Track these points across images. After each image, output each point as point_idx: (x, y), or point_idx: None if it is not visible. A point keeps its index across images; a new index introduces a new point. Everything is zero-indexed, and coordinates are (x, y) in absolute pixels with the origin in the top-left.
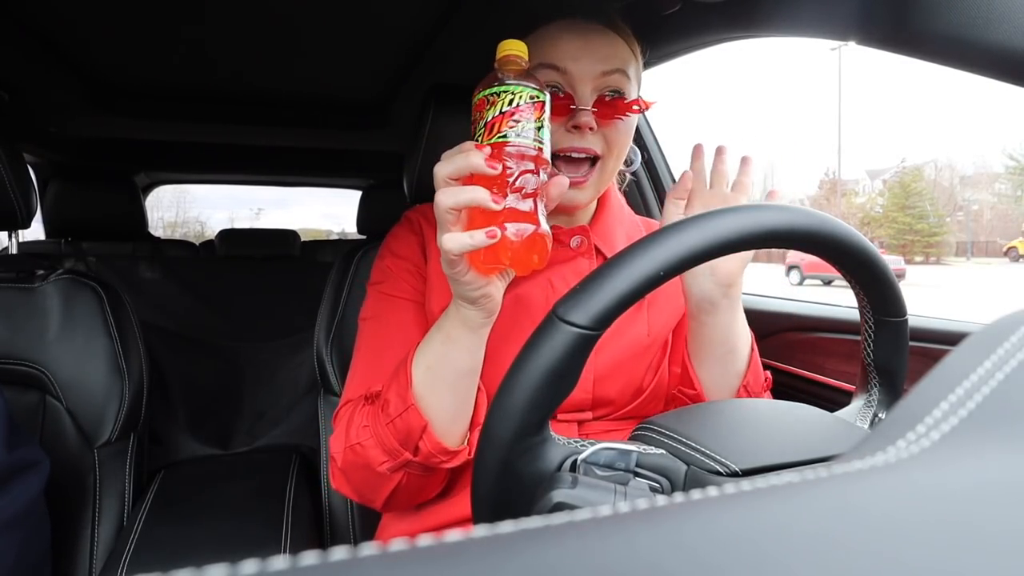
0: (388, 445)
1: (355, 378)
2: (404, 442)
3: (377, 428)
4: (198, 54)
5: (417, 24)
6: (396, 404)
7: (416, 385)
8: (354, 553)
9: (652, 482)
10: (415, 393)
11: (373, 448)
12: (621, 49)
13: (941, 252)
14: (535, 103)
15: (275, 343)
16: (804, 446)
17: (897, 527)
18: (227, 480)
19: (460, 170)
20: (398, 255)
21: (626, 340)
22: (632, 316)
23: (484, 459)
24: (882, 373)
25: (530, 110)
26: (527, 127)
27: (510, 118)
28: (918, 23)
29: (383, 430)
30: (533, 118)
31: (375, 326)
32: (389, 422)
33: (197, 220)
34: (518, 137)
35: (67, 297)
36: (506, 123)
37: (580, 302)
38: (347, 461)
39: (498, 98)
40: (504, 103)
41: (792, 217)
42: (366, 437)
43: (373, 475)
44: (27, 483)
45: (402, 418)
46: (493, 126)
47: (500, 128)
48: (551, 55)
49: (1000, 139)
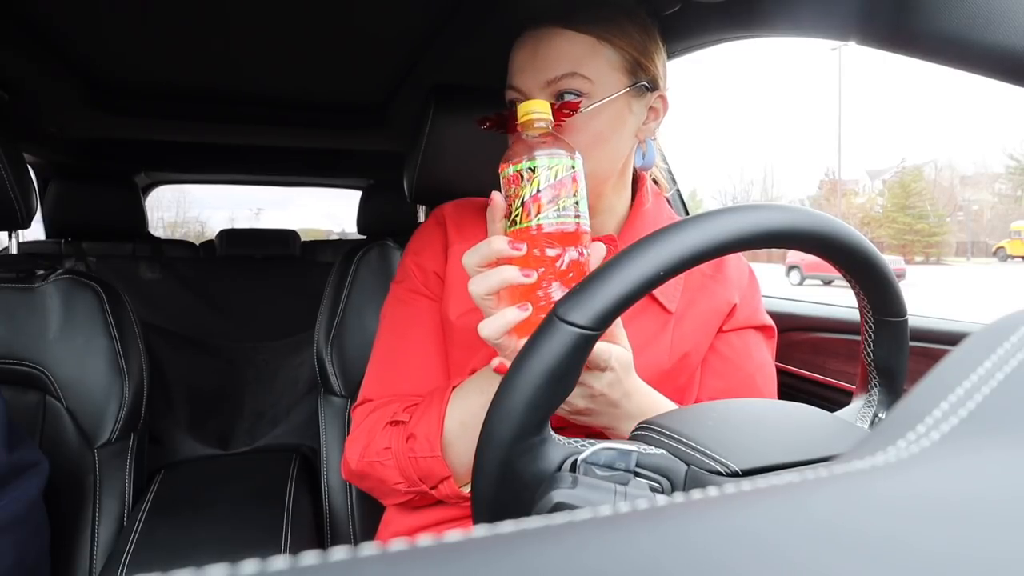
0: (408, 476)
1: (372, 377)
2: (424, 479)
3: (400, 458)
4: (198, 54)
5: (417, 25)
6: (423, 446)
7: (447, 435)
8: (354, 553)
9: (652, 482)
10: (444, 443)
11: (392, 471)
12: (573, 47)
13: (941, 252)
14: (572, 174)
15: (275, 343)
16: (804, 446)
17: (897, 527)
18: (227, 480)
19: (486, 257)
20: (418, 254)
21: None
22: (655, 336)
23: (484, 459)
24: (882, 373)
25: (563, 185)
26: (566, 203)
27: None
28: (918, 23)
29: (406, 463)
30: (571, 192)
31: (393, 325)
32: (413, 457)
33: (197, 220)
34: (558, 217)
35: (67, 297)
36: (543, 203)
37: (580, 302)
38: (363, 471)
39: (533, 174)
40: (541, 180)
41: (792, 217)
42: (387, 459)
43: (387, 488)
44: (27, 485)
45: (427, 461)
46: (530, 208)
47: (540, 210)
48: (510, 74)
49: (1000, 139)
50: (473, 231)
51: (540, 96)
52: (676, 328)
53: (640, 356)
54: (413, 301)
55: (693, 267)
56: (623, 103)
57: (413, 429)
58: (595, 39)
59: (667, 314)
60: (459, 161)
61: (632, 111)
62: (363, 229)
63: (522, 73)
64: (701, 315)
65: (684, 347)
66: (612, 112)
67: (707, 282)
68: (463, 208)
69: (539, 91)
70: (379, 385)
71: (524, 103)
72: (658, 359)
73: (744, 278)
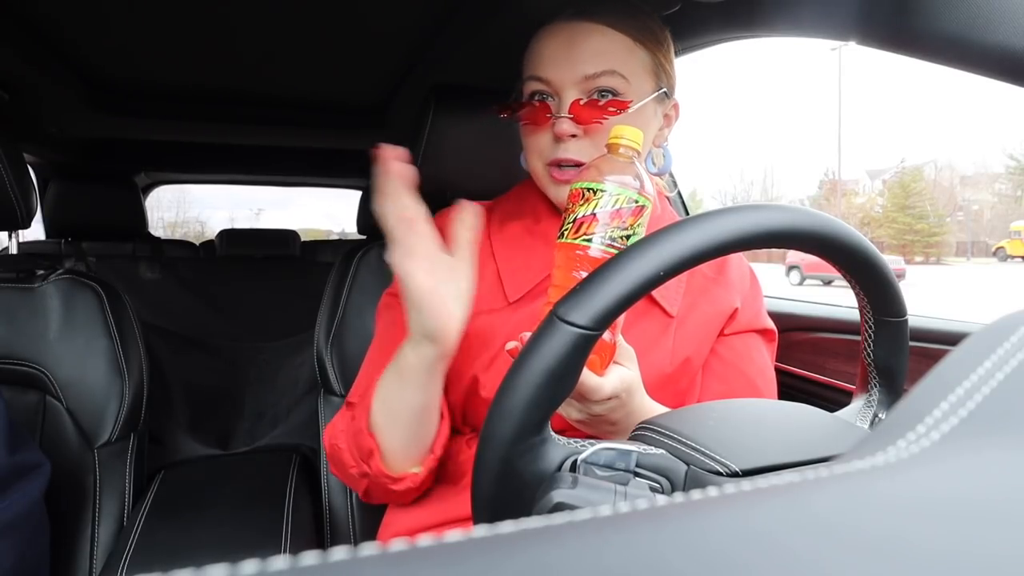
0: (353, 454)
1: (359, 383)
2: (361, 456)
3: (347, 436)
4: (198, 54)
5: (417, 25)
6: (359, 422)
7: (373, 414)
8: (354, 553)
9: (652, 482)
10: (371, 420)
11: (345, 452)
12: (613, 45)
13: (941, 252)
14: (633, 208)
15: (275, 343)
16: (804, 446)
17: (897, 528)
18: (227, 480)
19: None
20: None
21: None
22: (657, 340)
23: (484, 459)
24: (882, 373)
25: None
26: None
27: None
28: (918, 23)
29: (350, 440)
30: (627, 224)
31: (381, 332)
32: (353, 435)
33: (197, 220)
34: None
35: (67, 297)
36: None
37: (579, 302)
38: (329, 455)
39: (593, 195)
40: (597, 203)
41: (792, 217)
42: (341, 440)
43: (348, 474)
44: (28, 486)
45: (361, 436)
46: (581, 225)
47: (587, 230)
48: (535, 65)
49: (1000, 139)
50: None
51: (571, 91)
52: (678, 332)
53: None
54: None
55: (693, 267)
56: (651, 108)
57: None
58: (632, 40)
59: (668, 318)
60: (459, 161)
61: (655, 116)
62: (363, 229)
63: (555, 64)
64: (703, 318)
65: (686, 351)
66: (642, 116)
67: (709, 285)
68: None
69: (573, 85)
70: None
71: (618, 127)
72: (660, 364)
73: (746, 281)
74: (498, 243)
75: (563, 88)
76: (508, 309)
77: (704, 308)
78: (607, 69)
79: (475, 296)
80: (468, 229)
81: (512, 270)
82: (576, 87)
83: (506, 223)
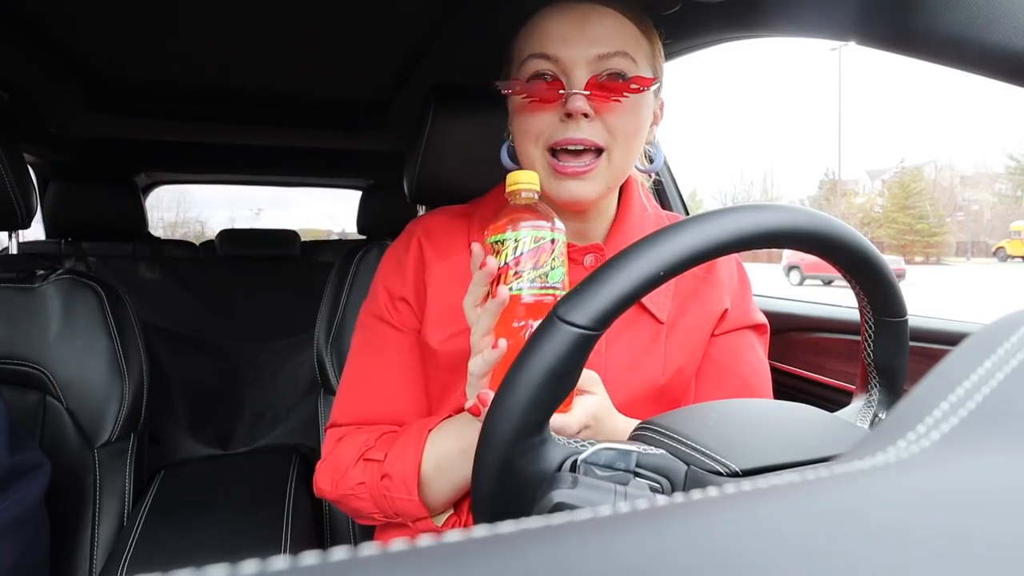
0: (384, 510)
1: (340, 400)
2: (400, 515)
3: (375, 494)
4: (199, 54)
5: (417, 24)
6: (399, 487)
7: (422, 477)
8: (354, 553)
9: (652, 482)
10: (421, 486)
11: (367, 503)
12: (623, 29)
13: (941, 252)
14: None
15: (275, 343)
16: (804, 446)
17: (897, 527)
18: (227, 480)
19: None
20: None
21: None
22: (647, 349)
23: (484, 459)
24: (882, 373)
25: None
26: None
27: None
28: (918, 23)
29: (382, 500)
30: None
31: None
32: (389, 496)
33: (197, 220)
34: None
35: (67, 297)
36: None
37: (580, 302)
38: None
39: (503, 246)
40: (509, 252)
41: (792, 217)
42: (362, 493)
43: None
44: (28, 486)
45: (403, 503)
46: (500, 276)
47: (507, 280)
48: (539, 42)
49: (1000, 139)
50: (451, 247)
51: (581, 71)
52: (669, 338)
53: (633, 372)
54: (375, 327)
55: (694, 267)
56: (651, 98)
57: (388, 469)
58: (638, 29)
59: (659, 324)
60: (459, 161)
61: (651, 110)
62: (363, 229)
63: (565, 43)
64: (693, 322)
65: (678, 360)
66: (647, 105)
67: (699, 285)
68: (439, 221)
69: (585, 65)
70: (345, 410)
71: (512, 174)
72: (652, 374)
73: (734, 279)
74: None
75: (573, 67)
76: None
77: (694, 312)
78: (620, 50)
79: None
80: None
81: None
82: (587, 67)
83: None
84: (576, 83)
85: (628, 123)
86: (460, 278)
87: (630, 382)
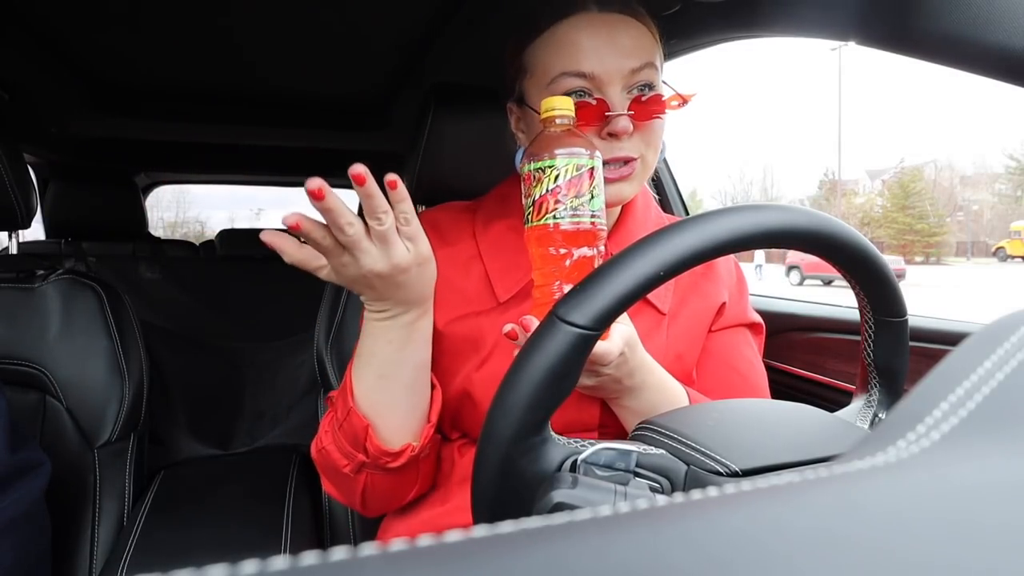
0: (343, 448)
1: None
2: (354, 444)
3: (333, 432)
4: (198, 55)
5: (417, 24)
6: (342, 407)
7: (355, 386)
8: (354, 553)
9: (652, 482)
10: (355, 395)
11: (335, 451)
12: (645, 38)
13: (941, 252)
14: (581, 174)
15: (275, 343)
16: (804, 446)
17: (897, 527)
18: (227, 480)
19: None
20: None
21: None
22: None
23: (484, 458)
24: (882, 373)
25: (578, 183)
26: (575, 203)
27: (555, 197)
28: (918, 23)
29: (336, 434)
30: (583, 190)
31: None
32: (339, 426)
33: (197, 220)
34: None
35: (67, 297)
36: (552, 202)
37: (580, 302)
38: (320, 464)
39: (544, 174)
40: (550, 180)
41: (792, 217)
42: (328, 441)
43: (341, 476)
44: (28, 485)
45: (348, 421)
46: (541, 205)
47: (550, 208)
48: (573, 60)
49: (1000, 139)
50: (455, 236)
51: (617, 86)
52: (670, 328)
53: None
54: None
55: (694, 267)
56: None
57: (337, 398)
58: (653, 36)
59: (660, 316)
60: (459, 161)
61: None
62: None
63: (598, 57)
64: (693, 314)
65: (678, 347)
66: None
67: (698, 280)
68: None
69: (620, 79)
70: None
71: (547, 99)
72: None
73: (732, 276)
74: (484, 244)
75: (609, 83)
76: (498, 309)
77: (694, 304)
78: (648, 62)
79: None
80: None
81: (500, 270)
82: (622, 81)
83: (491, 223)
84: (615, 101)
85: (660, 132)
86: (463, 265)
87: None
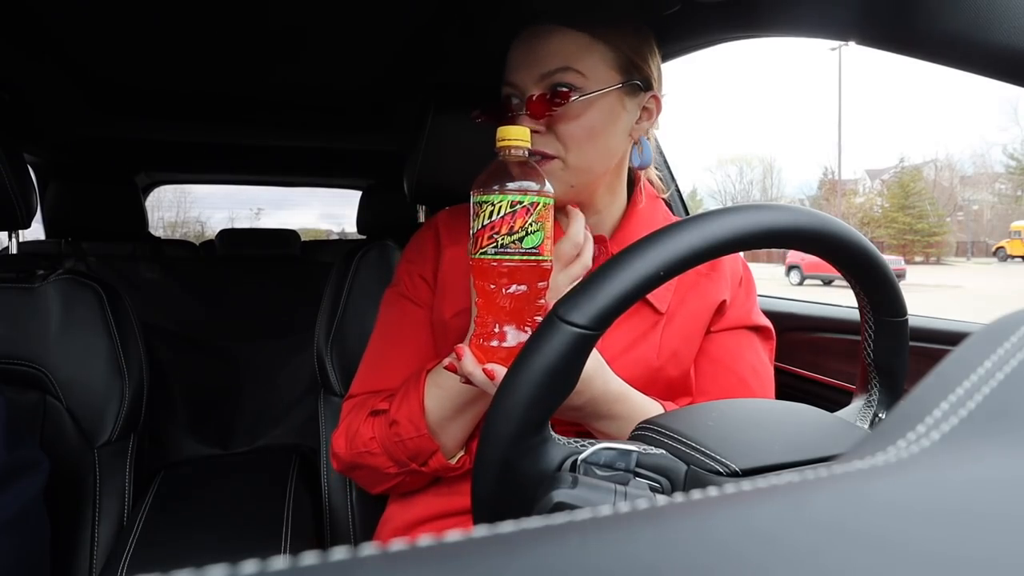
0: (398, 459)
1: (362, 374)
2: (414, 459)
3: (388, 444)
4: (198, 55)
5: (417, 24)
6: (407, 428)
7: (429, 413)
8: (354, 553)
9: (652, 482)
10: (428, 421)
11: (382, 457)
12: (568, 43)
13: (941, 252)
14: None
15: (275, 343)
16: (804, 446)
17: (897, 527)
18: (227, 480)
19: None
20: (410, 262)
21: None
22: (645, 335)
23: (484, 458)
24: (882, 373)
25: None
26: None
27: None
28: (918, 23)
29: (394, 447)
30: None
31: (385, 325)
32: (400, 441)
33: (197, 220)
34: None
35: (67, 297)
36: (485, 238)
37: (580, 302)
38: (353, 461)
39: (481, 209)
40: (485, 216)
41: (792, 217)
42: (374, 448)
43: (379, 474)
44: (27, 484)
45: (414, 442)
46: (477, 240)
47: (481, 244)
48: (506, 71)
49: (1000, 139)
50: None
51: (534, 90)
52: (667, 327)
53: (629, 353)
54: (400, 304)
55: (693, 267)
56: (616, 99)
57: (394, 415)
58: (590, 37)
59: (658, 315)
60: (459, 161)
61: (625, 108)
62: (363, 229)
63: (517, 68)
64: (692, 313)
65: (673, 344)
66: (605, 107)
67: (700, 280)
68: (458, 212)
69: (533, 85)
70: (364, 382)
71: (502, 128)
72: (647, 357)
73: (738, 276)
74: None
75: (526, 89)
76: None
77: (693, 303)
78: (561, 66)
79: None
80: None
81: None
82: (536, 86)
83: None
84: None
85: (575, 129)
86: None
87: (624, 364)
